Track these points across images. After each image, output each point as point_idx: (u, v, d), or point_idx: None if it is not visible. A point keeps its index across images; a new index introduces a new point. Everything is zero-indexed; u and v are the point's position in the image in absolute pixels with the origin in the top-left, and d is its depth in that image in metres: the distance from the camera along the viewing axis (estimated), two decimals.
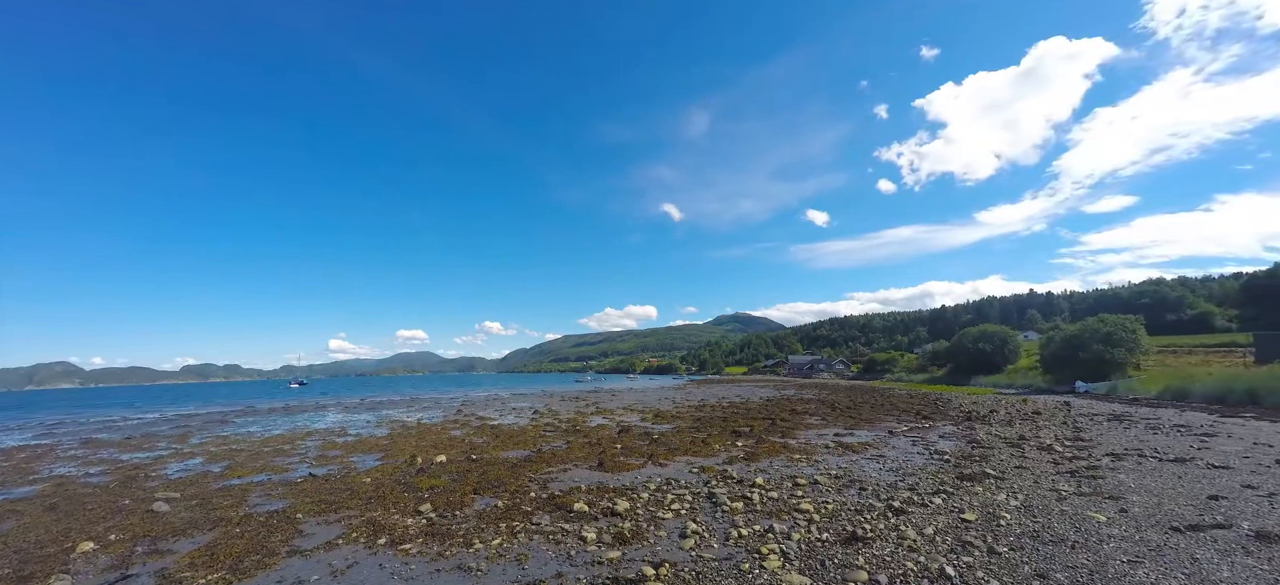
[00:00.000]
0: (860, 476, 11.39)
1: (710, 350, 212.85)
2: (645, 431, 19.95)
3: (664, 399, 40.53)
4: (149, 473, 14.91)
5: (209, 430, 26.56)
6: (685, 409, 29.90)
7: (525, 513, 9.30)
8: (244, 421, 31.44)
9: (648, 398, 43.10)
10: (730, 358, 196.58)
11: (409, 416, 31.06)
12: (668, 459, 14.04)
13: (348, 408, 41.27)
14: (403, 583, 6.61)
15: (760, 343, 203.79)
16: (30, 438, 26.19)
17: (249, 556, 7.66)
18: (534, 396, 49.59)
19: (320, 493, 11.48)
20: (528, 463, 14.16)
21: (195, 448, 20.00)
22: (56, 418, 41.17)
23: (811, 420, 22.42)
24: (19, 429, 31.65)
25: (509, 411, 32.68)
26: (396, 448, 17.83)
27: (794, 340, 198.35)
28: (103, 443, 22.80)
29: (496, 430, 22.14)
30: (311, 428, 26.09)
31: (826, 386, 56.45)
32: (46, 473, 15.67)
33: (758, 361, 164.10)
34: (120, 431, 27.71)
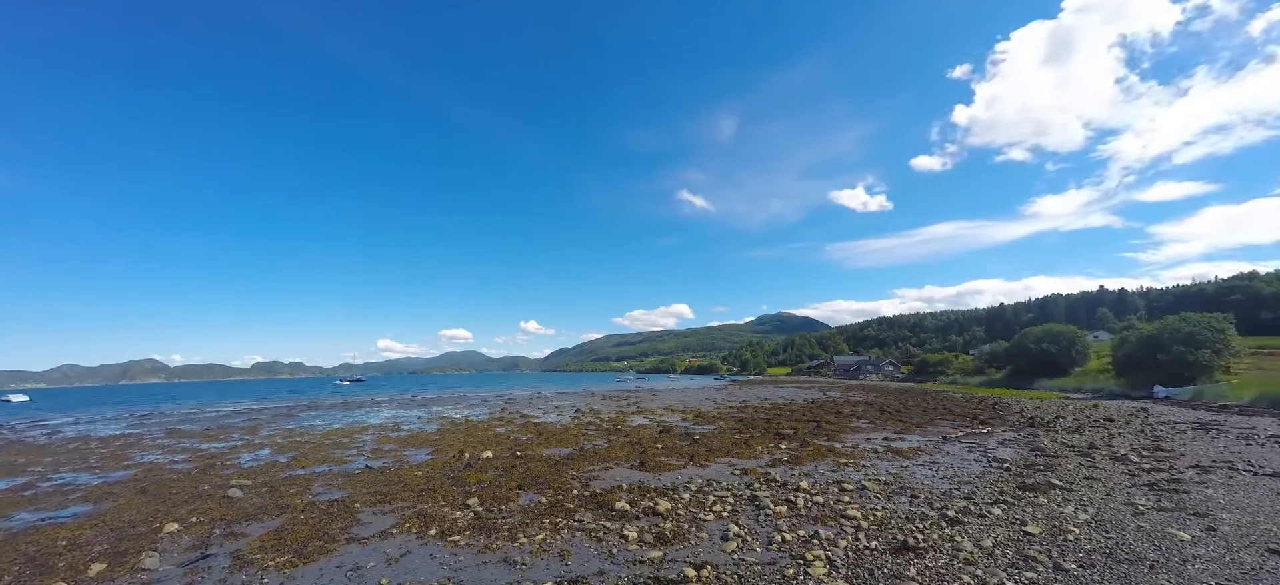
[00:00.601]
0: (911, 483, 10.93)
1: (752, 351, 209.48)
2: (686, 432, 19.87)
3: (705, 400, 40.24)
4: (225, 461, 16.13)
5: (276, 423, 28.47)
6: (726, 410, 29.58)
7: (568, 510, 9.45)
8: (307, 416, 33.49)
9: (688, 398, 42.91)
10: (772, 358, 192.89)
11: (457, 413, 32.17)
12: (709, 460, 13.93)
13: (400, 404, 43.19)
14: (452, 573, 6.86)
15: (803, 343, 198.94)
16: (124, 427, 28.90)
17: (312, 542, 8.15)
18: (576, 395, 50.32)
19: (376, 484, 12.08)
20: (570, 460, 14.39)
21: (264, 439, 21.48)
22: (146, 410, 45.26)
23: (858, 423, 21.70)
24: (115, 420, 35.04)
25: (552, 410, 33.29)
26: (445, 443, 18.51)
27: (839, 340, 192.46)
28: (185, 433, 24.84)
29: (540, 428, 22.60)
30: (367, 423, 27.47)
31: (874, 389, 54.48)
32: (138, 459, 17.24)
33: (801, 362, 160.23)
34: (200, 423, 30.12)
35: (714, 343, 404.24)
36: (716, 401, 37.54)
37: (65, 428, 30.20)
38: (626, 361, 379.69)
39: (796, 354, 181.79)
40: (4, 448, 21.41)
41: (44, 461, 17.41)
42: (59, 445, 21.77)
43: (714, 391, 54.25)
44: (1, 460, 17.98)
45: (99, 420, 35.49)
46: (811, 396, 41.04)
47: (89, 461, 17.16)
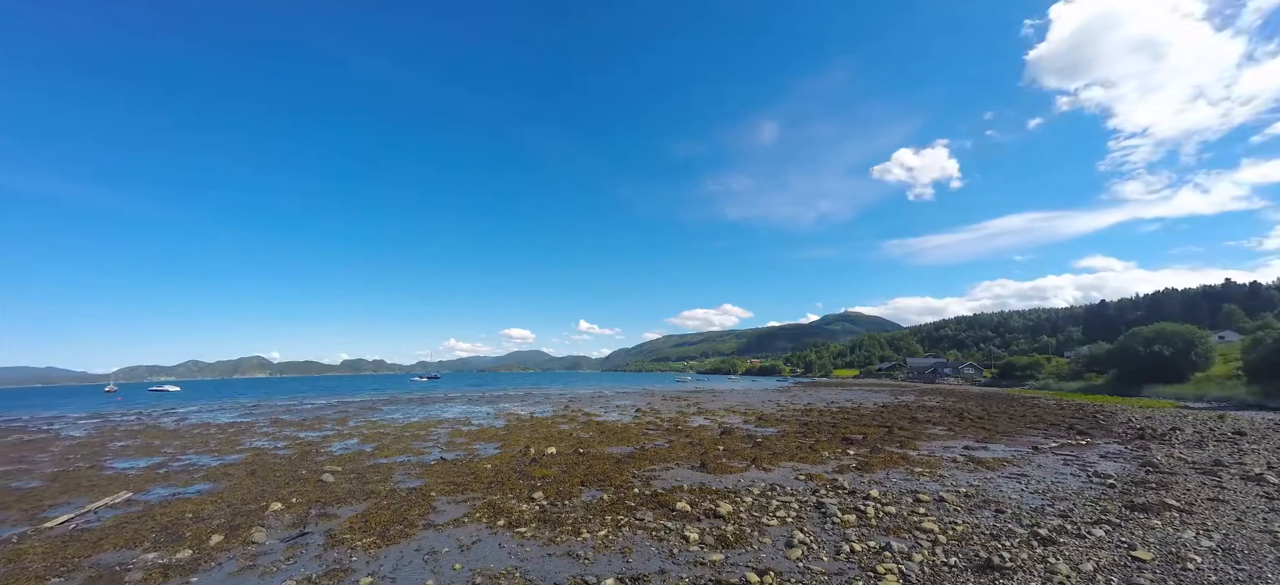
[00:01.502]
0: (996, 497, 10.11)
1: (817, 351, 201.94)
2: (748, 434, 19.50)
3: (767, 401, 39.30)
4: (319, 449, 17.70)
5: (362, 416, 30.92)
6: (790, 412, 28.73)
7: (629, 507, 9.56)
8: (388, 409, 36.08)
9: (750, 399, 42.07)
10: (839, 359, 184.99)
11: (522, 410, 33.42)
12: (772, 464, 13.59)
13: (470, 400, 45.48)
14: (518, 563, 7.14)
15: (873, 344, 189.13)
16: (237, 416, 32.51)
17: (394, 526, 8.77)
18: (636, 395, 50.74)
19: (449, 475, 12.80)
20: (631, 459, 14.54)
21: (352, 430, 23.40)
22: (253, 401, 50.70)
23: (935, 430, 20.36)
24: (230, 410, 39.52)
25: (613, 409, 33.79)
26: (512, 438, 19.29)
27: (912, 341, 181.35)
28: (286, 422, 27.56)
29: (601, 426, 23.01)
30: (441, 417, 29.16)
31: (953, 393, 50.87)
32: (247, 445, 19.31)
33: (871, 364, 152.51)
34: (298, 415, 33.29)
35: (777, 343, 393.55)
36: (779, 404, 36.56)
37: (190, 416, 34.41)
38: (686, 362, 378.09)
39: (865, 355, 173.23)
40: (144, 431, 24.71)
41: (174, 444, 19.91)
42: (186, 431, 24.81)
43: (777, 393, 52.85)
44: (142, 442, 20.76)
45: (216, 409, 40.16)
46: (882, 400, 38.98)
47: (209, 445, 19.43)
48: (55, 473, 14.56)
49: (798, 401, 38.45)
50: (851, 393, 51.74)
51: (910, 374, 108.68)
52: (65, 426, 28.78)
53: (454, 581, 6.59)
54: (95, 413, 40.90)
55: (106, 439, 22.12)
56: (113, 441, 21.23)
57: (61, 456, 17.56)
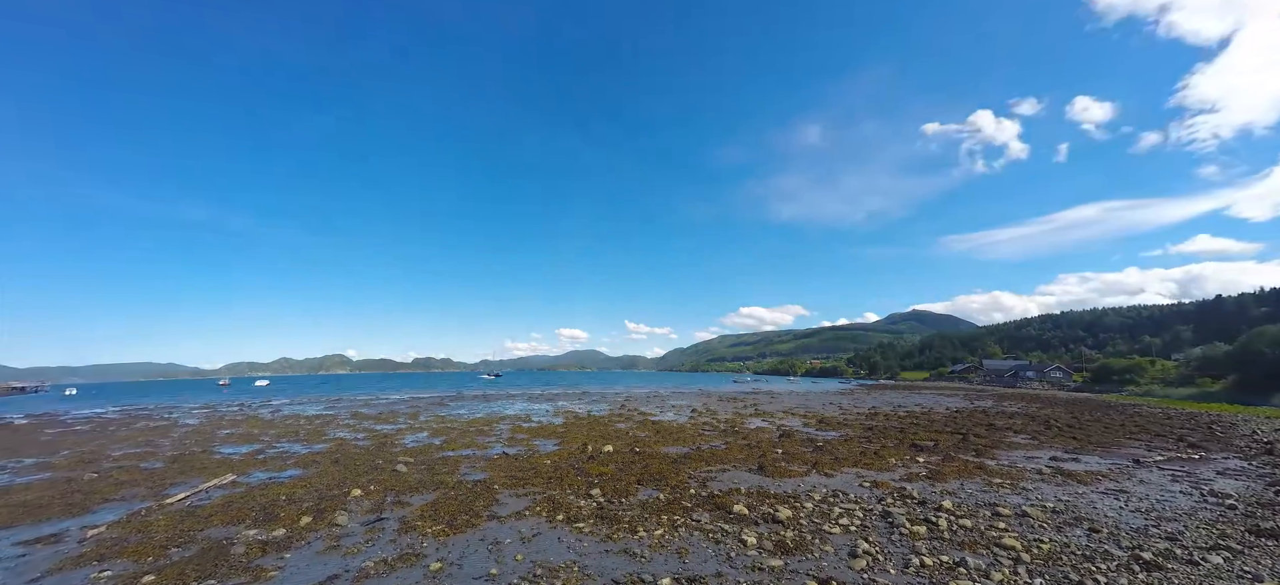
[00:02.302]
0: (1089, 514, 9.23)
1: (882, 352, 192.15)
2: (808, 438, 18.90)
3: (828, 404, 37.90)
4: (393, 441, 18.91)
5: (431, 411, 32.75)
6: (854, 416, 27.56)
7: (685, 508, 9.53)
8: (455, 406, 37.97)
9: (810, 402, 40.72)
10: (907, 361, 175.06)
11: (580, 408, 34.11)
12: (834, 469, 13.09)
13: (531, 398, 46.97)
14: (577, 557, 7.29)
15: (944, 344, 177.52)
16: (322, 410, 35.37)
17: (460, 516, 9.22)
18: (692, 395, 50.46)
19: (511, 469, 13.29)
20: (687, 459, 14.48)
21: (423, 424, 24.83)
22: (336, 396, 54.96)
23: (1017, 439, 18.85)
24: (317, 403, 42.99)
25: (668, 409, 33.79)
26: (570, 435, 19.74)
27: (989, 341, 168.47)
28: (364, 416, 29.68)
29: (657, 426, 23.07)
30: (503, 414, 30.34)
31: (1037, 398, 46.80)
32: (331, 435, 20.95)
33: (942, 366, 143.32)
34: (374, 409, 35.75)
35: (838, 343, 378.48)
36: (842, 406, 35.16)
37: (284, 408, 37.83)
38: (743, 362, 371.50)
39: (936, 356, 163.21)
40: (245, 421, 27.45)
41: (270, 433, 21.94)
42: (279, 421, 27.29)
43: (839, 396, 50.84)
44: (244, 431, 23.04)
45: (305, 402, 43.93)
46: (955, 405, 36.54)
47: (299, 435, 21.26)
48: (174, 455, 16.45)
49: (861, 405, 36.82)
50: (920, 397, 48.88)
51: (987, 377, 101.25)
52: (182, 416, 32.48)
53: (516, 572, 6.83)
54: (206, 403, 45.95)
55: (215, 427, 24.76)
56: (220, 429, 23.72)
57: (179, 441, 19.84)
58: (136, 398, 61.63)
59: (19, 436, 22.67)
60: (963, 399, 44.82)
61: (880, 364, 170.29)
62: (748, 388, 72.95)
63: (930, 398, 46.63)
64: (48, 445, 19.62)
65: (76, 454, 17.19)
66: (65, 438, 21.87)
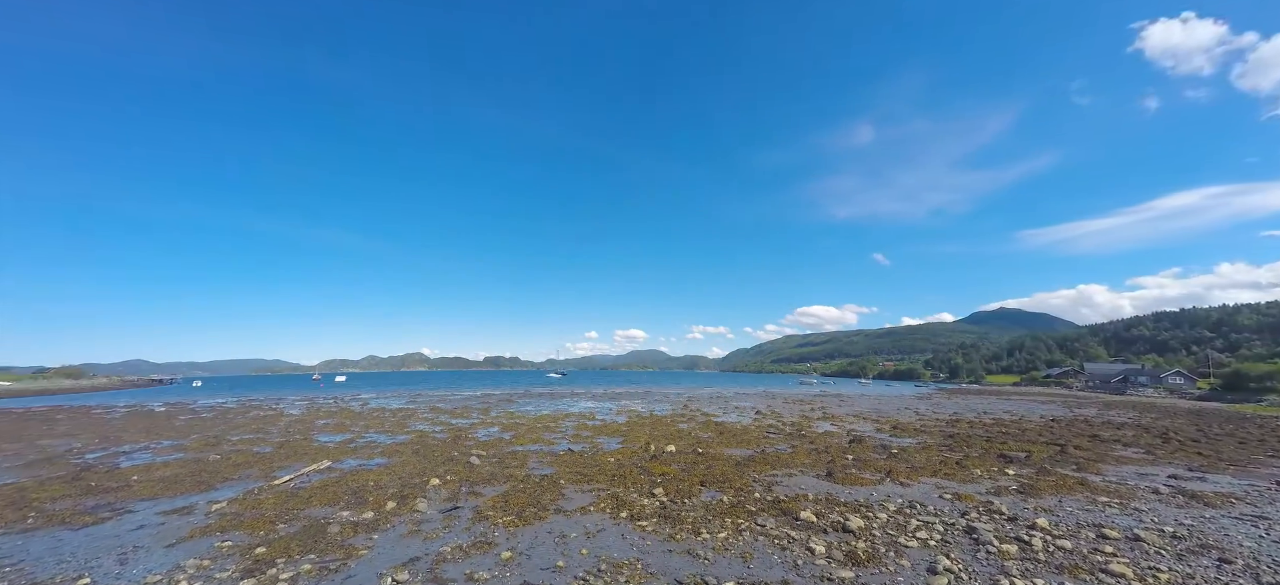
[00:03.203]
0: (1220, 542, 8.08)
1: (964, 354, 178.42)
2: (882, 444, 17.94)
3: (903, 409, 35.74)
4: (467, 435, 19.98)
5: (501, 407, 34.27)
6: (932, 422, 25.82)
7: (750, 512, 9.35)
8: (523, 402, 39.51)
9: (884, 405, 38.60)
10: (993, 363, 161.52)
11: (642, 408, 34.38)
12: (911, 478, 12.33)
13: (594, 396, 47.92)
14: (640, 555, 7.35)
15: (1037, 345, 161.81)
16: (403, 403, 38.01)
17: (529, 508, 9.58)
18: (755, 396, 49.39)
19: (576, 465, 13.63)
20: (751, 462, 14.20)
21: (494, 419, 26.05)
22: (416, 391, 58.88)
23: (1127, 452, 16.86)
24: (399, 397, 46.30)
25: (731, 410, 33.29)
26: (633, 434, 19.95)
27: (1092, 342, 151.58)
28: (441, 410, 31.60)
29: (720, 427, 22.79)
30: (568, 411, 31.20)
31: (1152, 407, 41.52)
32: (412, 427, 22.47)
33: (1034, 370, 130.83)
34: (450, 404, 37.92)
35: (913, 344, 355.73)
36: (919, 412, 33.04)
37: (372, 401, 41.06)
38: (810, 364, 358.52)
39: (1027, 359, 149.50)
40: (339, 413, 30.07)
41: (359, 424, 23.88)
42: (368, 414, 29.64)
43: (916, 400, 47.81)
44: (337, 422, 25.23)
45: (389, 396, 47.45)
46: (1052, 412, 33.25)
47: (385, 426, 22.98)
48: (280, 442, 18.32)
49: (941, 410, 34.43)
50: (1010, 403, 44.93)
51: (1090, 382, 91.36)
52: (286, 406, 36.12)
53: (581, 565, 6.99)
54: (305, 395, 50.87)
55: (313, 418, 27.32)
56: (318, 420, 26.14)
57: (284, 429, 22.07)
58: (249, 390, 69.45)
59: (158, 422, 26.22)
60: (1060, 406, 40.70)
61: (962, 366, 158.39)
62: (814, 390, 70.32)
63: (1021, 404, 42.74)
64: (181, 430, 22.53)
65: (203, 438, 19.61)
66: (194, 423, 25.00)
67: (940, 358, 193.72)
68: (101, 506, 10.06)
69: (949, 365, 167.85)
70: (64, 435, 20.87)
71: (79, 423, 25.81)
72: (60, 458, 15.58)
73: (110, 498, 10.72)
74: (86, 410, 34.15)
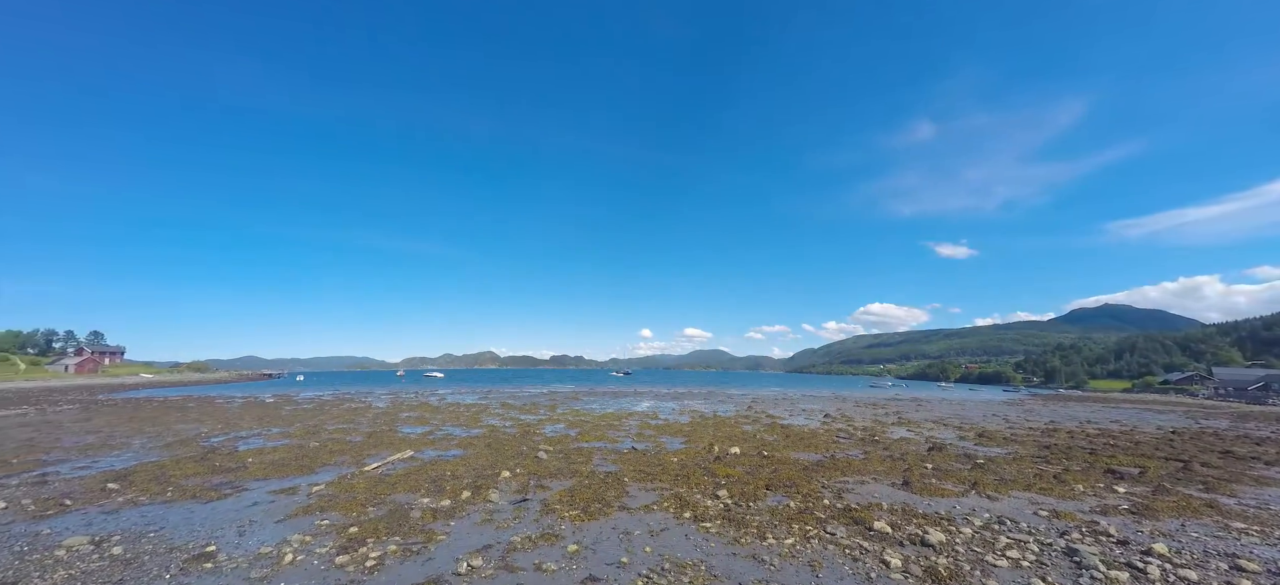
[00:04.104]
0: None
1: (1062, 356, 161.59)
2: (965, 453, 16.67)
3: (990, 415, 32.99)
4: (535, 430, 20.72)
5: (567, 405, 35.24)
6: (1024, 431, 23.64)
7: (818, 519, 9.01)
8: (587, 400, 40.39)
9: (967, 411, 35.83)
10: (1098, 367, 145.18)
11: (705, 408, 34.10)
12: (999, 491, 11.37)
13: (657, 396, 48.11)
14: (704, 557, 7.29)
15: (1151, 347, 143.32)
16: (477, 399, 40.01)
17: (593, 504, 9.78)
18: (824, 399, 47.51)
19: (640, 464, 13.75)
20: (820, 467, 13.68)
21: (560, 416, 26.86)
22: (487, 388, 61.77)
23: (1270, 472, 14.59)
24: (473, 394, 48.80)
25: (798, 412, 32.25)
26: (696, 435, 19.83)
27: (1222, 344, 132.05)
28: (511, 406, 32.99)
29: (786, 430, 22.15)
30: (631, 410, 31.54)
31: None
32: (485, 422, 23.62)
33: (1148, 374, 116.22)
34: (519, 400, 39.49)
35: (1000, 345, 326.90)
36: (1008, 419, 30.38)
37: (448, 396, 43.56)
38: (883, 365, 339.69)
39: (1140, 362, 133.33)
40: (420, 407, 32.20)
41: (438, 418, 25.43)
42: (445, 408, 31.51)
43: (1005, 406, 44.00)
44: (419, 415, 27.02)
45: (464, 393, 50.12)
46: (1171, 423, 29.40)
47: (460, 420, 24.33)
48: (369, 432, 19.89)
49: (1035, 418, 31.45)
50: (1118, 411, 40.23)
51: (1220, 389, 79.98)
52: (373, 400, 39.15)
53: (645, 563, 7.05)
54: (390, 390, 54.89)
55: (397, 411, 29.43)
56: (401, 413, 28.14)
57: (372, 421, 23.94)
58: (342, 384, 75.96)
59: (268, 411, 29.31)
60: (1182, 417, 35.89)
61: (1060, 370, 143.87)
62: (888, 393, 66.54)
63: (1132, 413, 38.12)
64: (286, 419, 25.04)
65: (305, 426, 21.68)
66: (297, 414, 27.71)
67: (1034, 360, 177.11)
68: (224, 484, 11.40)
69: (1044, 368, 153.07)
70: (194, 421, 23.85)
71: (205, 411, 29.37)
72: (191, 440, 17.82)
73: (230, 477, 12.12)
74: (211, 400, 38.78)
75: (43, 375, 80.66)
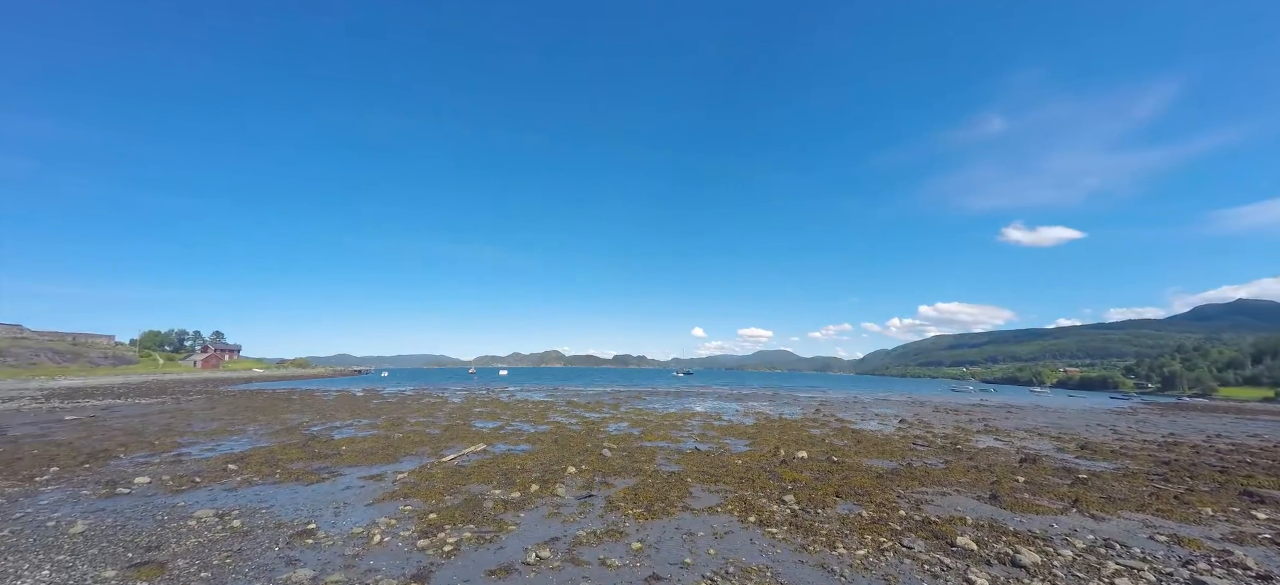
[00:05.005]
0: None
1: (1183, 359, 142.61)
2: (1065, 466, 15.14)
3: (1096, 424, 29.68)
4: (599, 428, 21.12)
5: (630, 404, 35.63)
6: (1137, 443, 21.07)
7: (894, 531, 8.51)
8: (649, 400, 40.63)
9: (1067, 420, 32.46)
10: (1230, 372, 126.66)
11: (770, 410, 33.25)
12: (1107, 511, 10.21)
13: (720, 397, 47.53)
14: (770, 563, 7.11)
15: None
16: (543, 397, 41.40)
17: (656, 503, 9.82)
18: (899, 403, 44.84)
19: (703, 465, 13.64)
20: (895, 476, 12.93)
21: (623, 415, 27.21)
22: (553, 386, 63.77)
23: None
24: (540, 391, 50.58)
25: (870, 416, 30.68)
26: (761, 437, 19.38)
27: None
28: (576, 404, 33.81)
29: (858, 435, 21.14)
30: (694, 411, 31.36)
31: None
32: (552, 419, 24.38)
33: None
34: (583, 398, 40.40)
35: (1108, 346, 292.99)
36: (1117, 430, 27.22)
37: (517, 394, 45.41)
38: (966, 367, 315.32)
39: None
40: (491, 403, 33.80)
41: (508, 414, 26.58)
42: (514, 405, 32.87)
43: (1113, 415, 39.43)
44: (490, 410, 28.37)
45: (531, 390, 52.04)
46: None
47: (528, 416, 25.29)
48: (446, 425, 21.13)
49: (1150, 429, 27.95)
50: (1257, 424, 34.84)
51: None
52: (449, 395, 41.56)
53: (709, 565, 6.98)
54: (464, 386, 58.04)
55: (471, 406, 31.07)
56: (475, 408, 29.68)
57: (449, 415, 25.43)
58: (422, 380, 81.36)
59: (358, 404, 31.91)
60: None
61: (1181, 375, 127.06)
62: (972, 398, 61.59)
63: (1275, 426, 32.89)
64: (374, 411, 27.16)
65: (389, 419, 23.41)
66: (383, 407, 29.97)
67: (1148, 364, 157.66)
68: (322, 469, 12.54)
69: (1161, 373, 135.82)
70: (297, 411, 26.44)
71: (306, 403, 32.47)
72: (295, 429, 19.76)
73: (327, 462, 13.32)
74: (311, 393, 42.82)
75: (176, 369, 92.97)
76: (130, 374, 73.78)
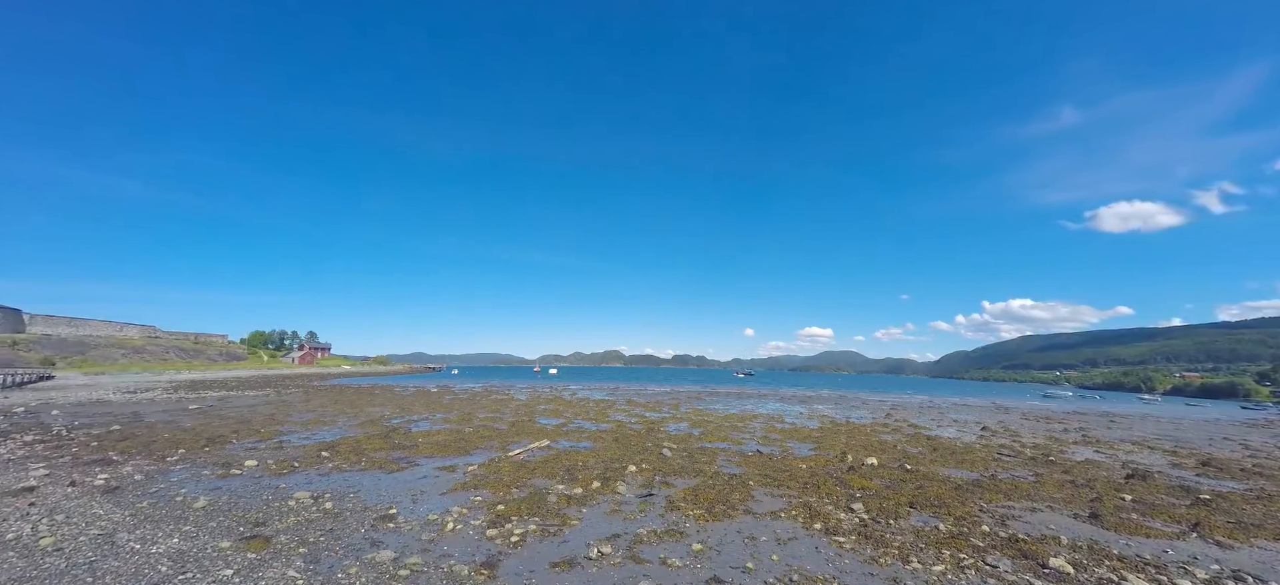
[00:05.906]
0: None
1: None
2: (1182, 484, 13.43)
3: (1222, 438, 26.05)
4: (659, 428, 21.18)
5: (690, 404, 35.47)
6: (1276, 461, 18.30)
7: (975, 547, 7.91)
8: (710, 400, 40.23)
9: (1185, 431, 28.74)
10: None
11: (836, 413, 31.93)
12: (1236, 537, 8.95)
13: (783, 399, 46.23)
14: (837, 573, 6.83)
15: None
16: (604, 395, 42.05)
17: (718, 505, 9.70)
18: (980, 408, 41.60)
19: (765, 468, 13.33)
20: (977, 487, 12.02)
21: (683, 415, 27.12)
22: (613, 384, 64.64)
23: None
24: (601, 390, 51.42)
25: (948, 422, 28.68)
26: (827, 442, 18.65)
27: None
28: (636, 403, 34.08)
29: (934, 442, 19.84)
30: (756, 412, 30.70)
31: None
32: (612, 417, 24.73)
33: None
34: (644, 398, 40.58)
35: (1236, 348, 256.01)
36: (1248, 444, 23.78)
37: (579, 392, 46.48)
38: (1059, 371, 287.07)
39: None
40: (554, 400, 34.80)
41: (570, 411, 27.25)
42: (576, 403, 33.65)
43: (1244, 428, 34.46)
44: (554, 408, 29.21)
45: (592, 389, 53.06)
46: None
47: (589, 414, 25.80)
48: (512, 421, 22.00)
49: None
50: None
51: None
52: (515, 393, 43.20)
53: (772, 571, 6.81)
54: (529, 384, 60.20)
55: (535, 403, 32.14)
56: (538, 405, 30.68)
57: (515, 411, 26.46)
58: (489, 378, 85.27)
59: (433, 400, 33.91)
60: None
61: None
62: (1068, 405, 55.99)
63: None
64: (447, 406, 28.74)
65: (461, 414, 24.70)
66: (455, 402, 31.66)
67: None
68: (401, 459, 13.45)
69: None
70: (379, 405, 28.50)
71: (387, 397, 34.92)
72: (378, 421, 21.31)
73: (406, 453, 14.26)
74: (391, 388, 46.03)
75: (278, 365, 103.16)
76: (240, 369, 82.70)
